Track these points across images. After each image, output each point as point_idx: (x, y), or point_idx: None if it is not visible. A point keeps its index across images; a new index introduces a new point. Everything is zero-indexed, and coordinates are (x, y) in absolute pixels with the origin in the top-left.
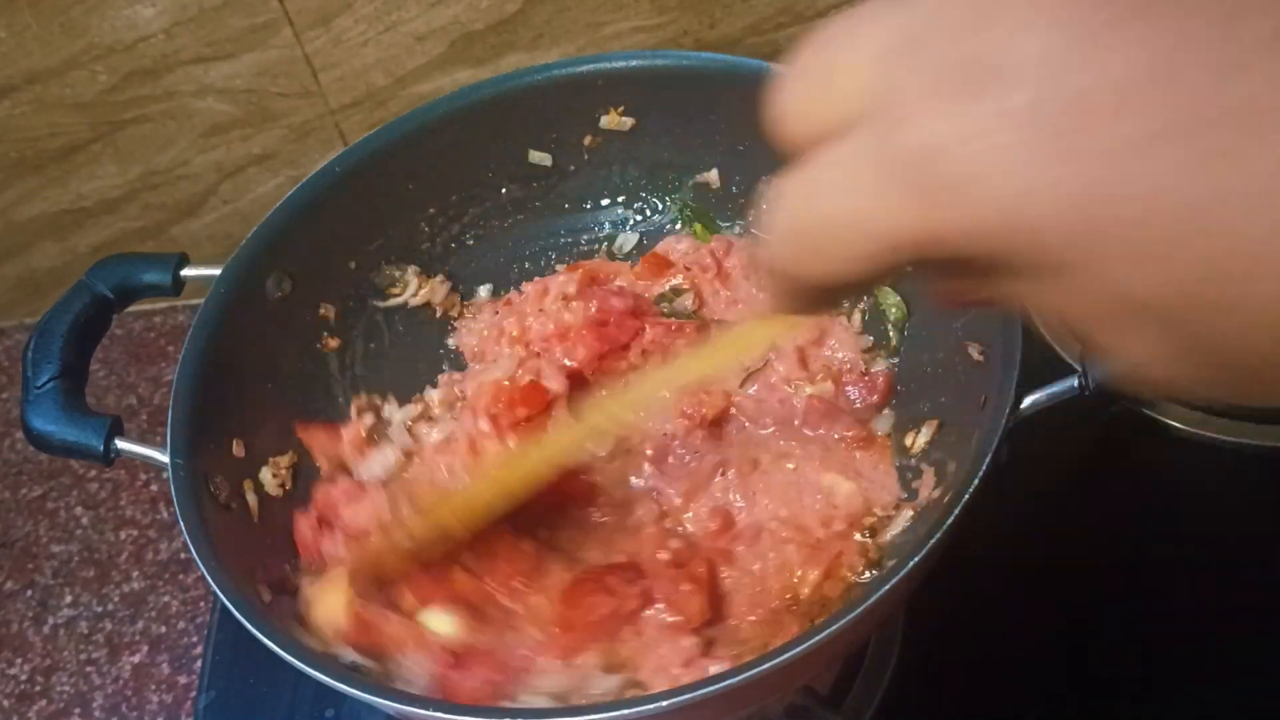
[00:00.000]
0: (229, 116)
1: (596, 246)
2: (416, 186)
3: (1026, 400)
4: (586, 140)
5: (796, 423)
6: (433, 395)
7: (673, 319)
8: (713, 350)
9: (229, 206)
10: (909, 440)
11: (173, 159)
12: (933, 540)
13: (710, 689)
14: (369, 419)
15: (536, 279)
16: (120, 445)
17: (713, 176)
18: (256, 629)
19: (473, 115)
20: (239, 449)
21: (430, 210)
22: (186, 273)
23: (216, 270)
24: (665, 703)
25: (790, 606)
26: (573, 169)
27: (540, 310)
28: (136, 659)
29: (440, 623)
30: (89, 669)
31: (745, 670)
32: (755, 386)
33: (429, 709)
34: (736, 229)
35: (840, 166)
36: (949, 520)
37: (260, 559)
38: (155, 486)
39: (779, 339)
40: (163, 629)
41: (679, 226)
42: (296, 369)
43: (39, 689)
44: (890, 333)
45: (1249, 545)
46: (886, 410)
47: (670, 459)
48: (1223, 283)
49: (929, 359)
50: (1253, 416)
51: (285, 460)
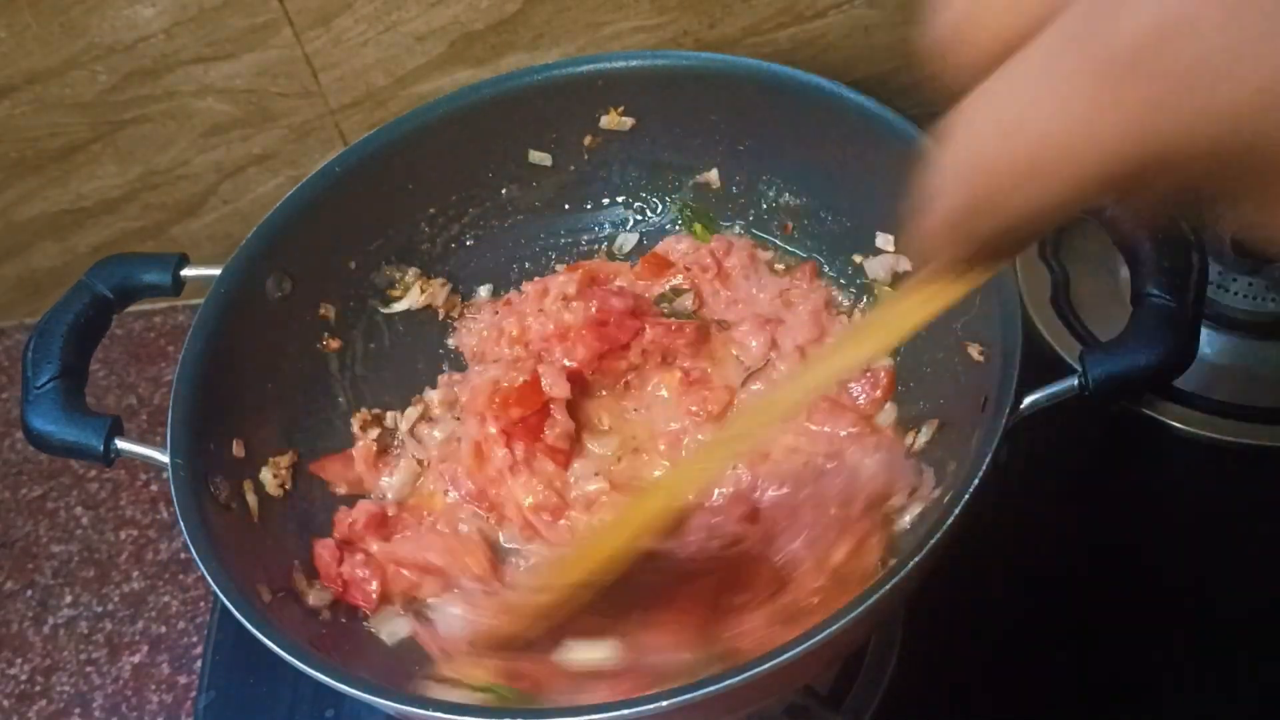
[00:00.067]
0: (229, 116)
1: (596, 246)
2: (416, 186)
3: (1026, 400)
4: (586, 140)
5: (801, 419)
6: (432, 396)
7: (673, 319)
8: (860, 338)
9: (229, 206)
10: (909, 439)
11: (173, 159)
12: (933, 540)
13: (710, 689)
14: (374, 432)
15: (536, 279)
16: (120, 445)
17: (713, 176)
18: (256, 629)
19: (473, 115)
20: (239, 449)
21: (430, 210)
22: (186, 273)
23: (216, 270)
24: (665, 703)
25: (836, 576)
26: (573, 169)
27: (540, 310)
28: (136, 659)
29: (591, 652)
30: (89, 669)
31: (745, 670)
32: (759, 384)
33: (429, 709)
34: (737, 229)
35: (1038, 78)
36: (949, 520)
37: (260, 559)
38: (155, 486)
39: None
40: (163, 629)
41: (679, 226)
42: (296, 369)
43: (39, 689)
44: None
45: (1249, 545)
46: (889, 405)
47: (684, 454)
48: None
49: (929, 359)
50: (1253, 416)
51: (285, 460)
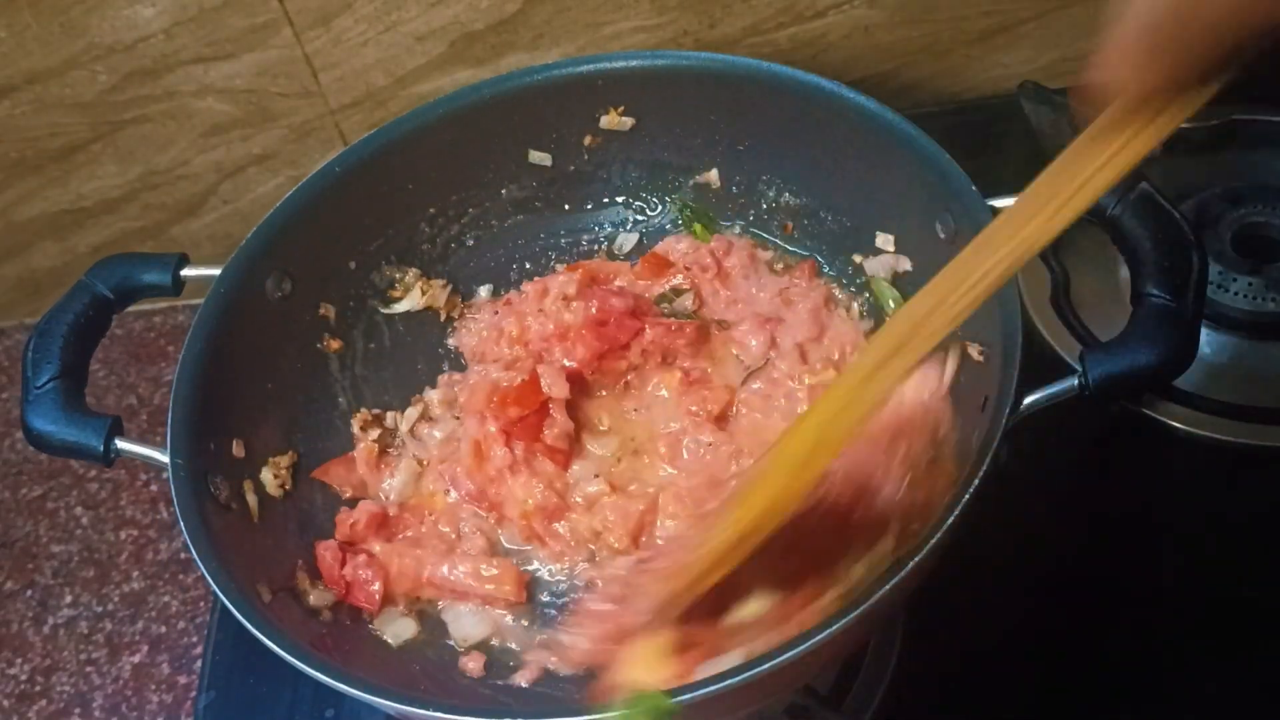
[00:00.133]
0: (229, 116)
1: (596, 246)
2: (416, 186)
3: (1026, 400)
4: (586, 140)
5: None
6: (432, 396)
7: (673, 319)
8: (1039, 204)
9: (229, 206)
10: None
11: (173, 159)
12: (933, 540)
13: (710, 689)
14: (374, 433)
15: (536, 279)
16: (120, 445)
17: (713, 176)
18: (256, 629)
19: (473, 115)
20: (239, 449)
21: (430, 210)
22: (186, 273)
23: (216, 270)
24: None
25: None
26: (573, 169)
27: (540, 310)
28: (136, 659)
29: (750, 609)
30: (89, 669)
31: (745, 670)
32: (759, 384)
33: (429, 709)
34: (737, 229)
35: None
36: (949, 520)
37: (260, 559)
38: (155, 486)
39: (1124, 170)
40: (163, 629)
41: (678, 226)
42: (296, 369)
43: (39, 689)
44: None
45: (1249, 545)
46: None
47: (685, 454)
48: None
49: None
50: (1253, 416)
51: (285, 460)
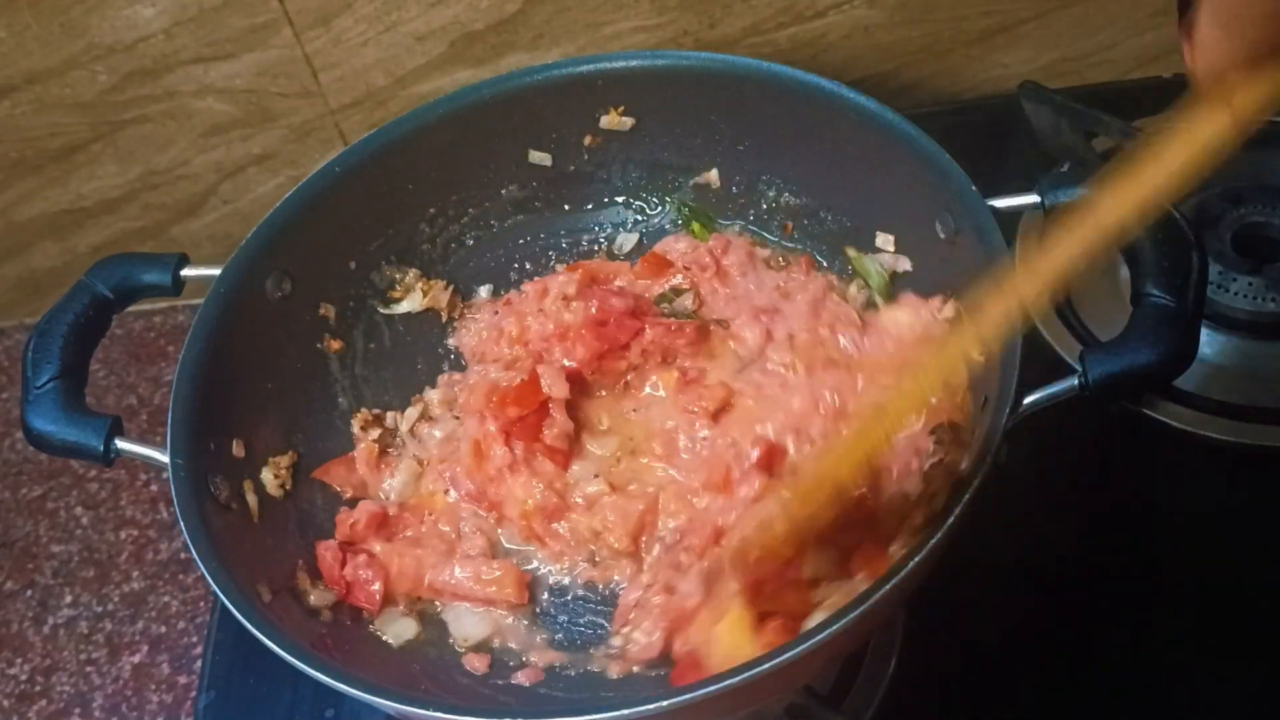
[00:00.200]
0: (229, 116)
1: (596, 246)
2: (416, 186)
3: (1026, 400)
4: (586, 140)
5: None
6: (432, 395)
7: (673, 319)
8: (1127, 188)
9: (229, 206)
10: None
11: (173, 159)
12: (933, 540)
13: (710, 689)
14: (374, 433)
15: (536, 279)
16: (120, 445)
17: (713, 176)
18: (256, 629)
19: (473, 115)
20: (239, 449)
21: (430, 210)
22: (186, 273)
23: (216, 270)
24: (665, 703)
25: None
26: (573, 169)
27: (540, 310)
28: (136, 659)
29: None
30: (89, 669)
31: (745, 670)
32: (754, 374)
33: (429, 709)
34: (736, 228)
35: None
36: (949, 520)
37: (260, 559)
38: (155, 486)
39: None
40: (163, 629)
41: (678, 226)
42: (296, 369)
43: (39, 689)
44: (876, 298)
45: (1249, 545)
46: None
47: (681, 452)
48: None
49: None
50: (1253, 416)
51: (285, 460)
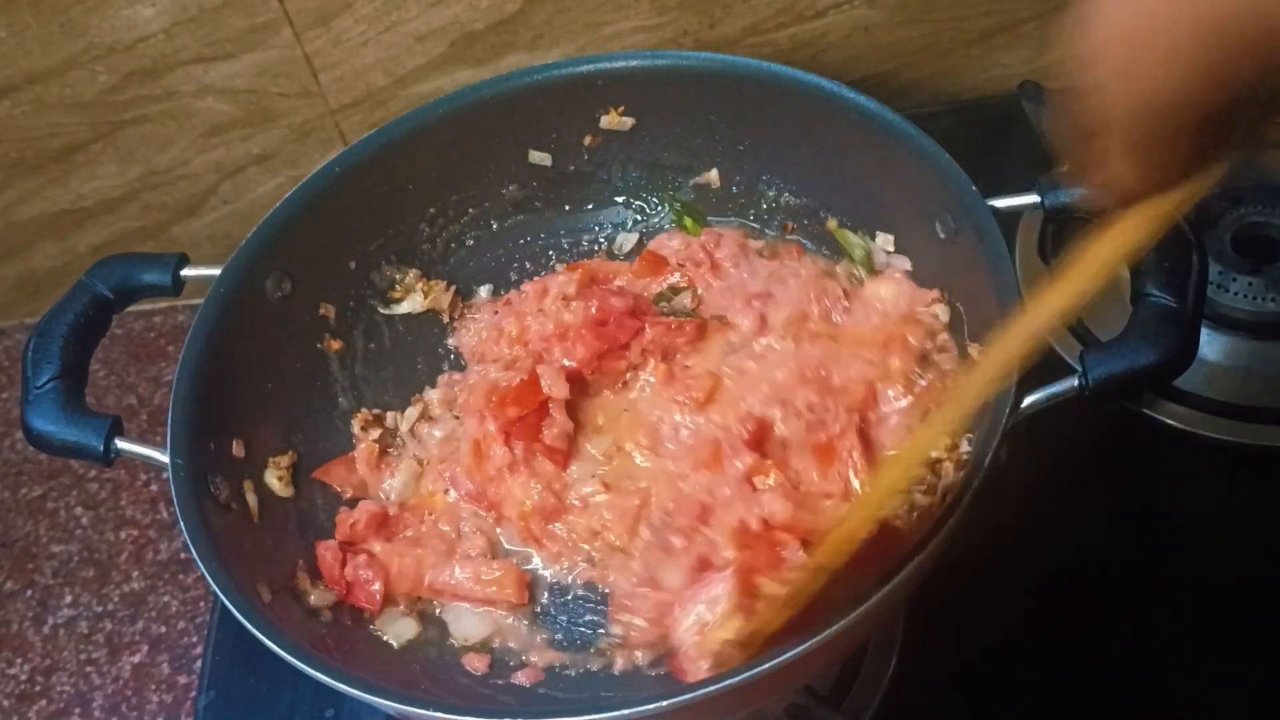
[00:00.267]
0: (229, 116)
1: (596, 246)
2: (416, 186)
3: (1026, 400)
4: (586, 140)
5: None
6: (432, 395)
7: (672, 318)
8: (1059, 290)
9: (229, 206)
10: None
11: (173, 159)
12: (933, 540)
13: (710, 689)
14: (374, 433)
15: (536, 279)
16: (120, 445)
17: (713, 176)
18: (256, 629)
19: (473, 115)
20: (239, 449)
21: (430, 210)
22: (186, 273)
23: (216, 270)
24: (665, 703)
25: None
26: (573, 169)
27: (540, 310)
28: (136, 659)
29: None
30: (89, 669)
31: (745, 670)
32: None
33: (429, 709)
34: (734, 223)
35: None
36: (949, 520)
37: (260, 559)
38: (155, 486)
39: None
40: (163, 629)
41: (673, 223)
42: (296, 369)
43: (39, 689)
44: (858, 271)
45: (1249, 545)
46: None
47: (665, 443)
48: None
49: None
50: (1253, 416)
51: (285, 460)
